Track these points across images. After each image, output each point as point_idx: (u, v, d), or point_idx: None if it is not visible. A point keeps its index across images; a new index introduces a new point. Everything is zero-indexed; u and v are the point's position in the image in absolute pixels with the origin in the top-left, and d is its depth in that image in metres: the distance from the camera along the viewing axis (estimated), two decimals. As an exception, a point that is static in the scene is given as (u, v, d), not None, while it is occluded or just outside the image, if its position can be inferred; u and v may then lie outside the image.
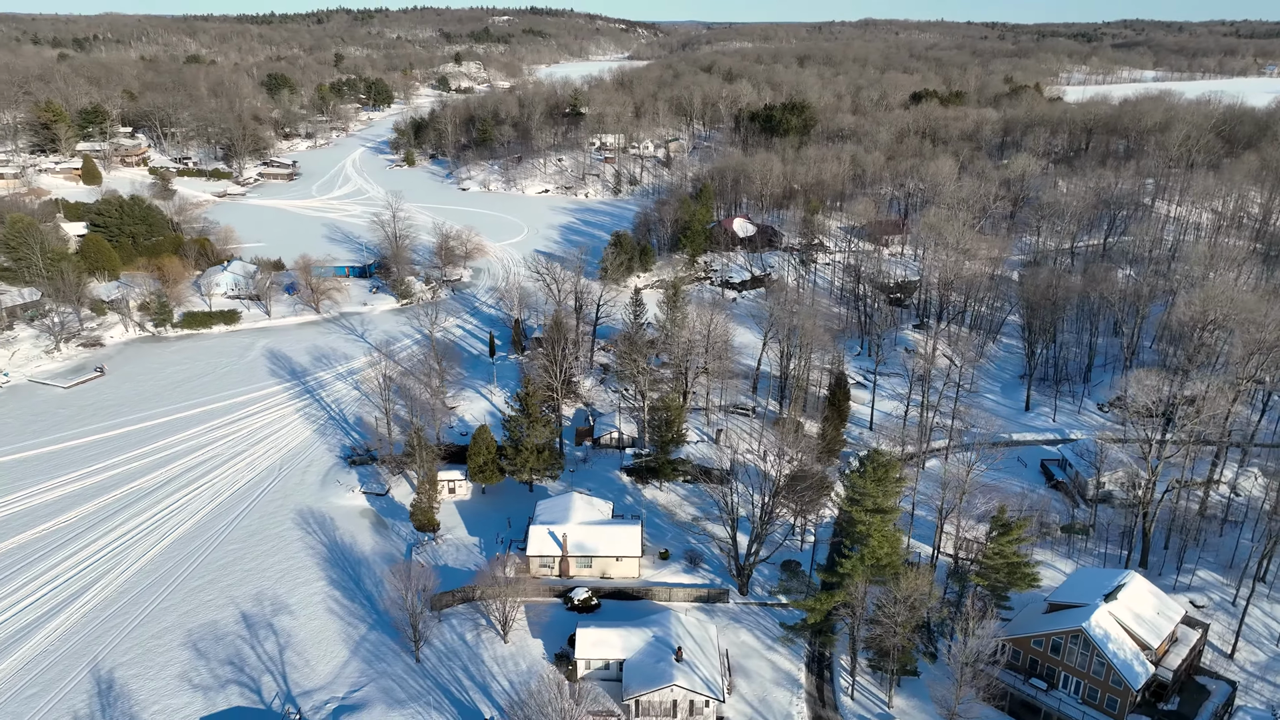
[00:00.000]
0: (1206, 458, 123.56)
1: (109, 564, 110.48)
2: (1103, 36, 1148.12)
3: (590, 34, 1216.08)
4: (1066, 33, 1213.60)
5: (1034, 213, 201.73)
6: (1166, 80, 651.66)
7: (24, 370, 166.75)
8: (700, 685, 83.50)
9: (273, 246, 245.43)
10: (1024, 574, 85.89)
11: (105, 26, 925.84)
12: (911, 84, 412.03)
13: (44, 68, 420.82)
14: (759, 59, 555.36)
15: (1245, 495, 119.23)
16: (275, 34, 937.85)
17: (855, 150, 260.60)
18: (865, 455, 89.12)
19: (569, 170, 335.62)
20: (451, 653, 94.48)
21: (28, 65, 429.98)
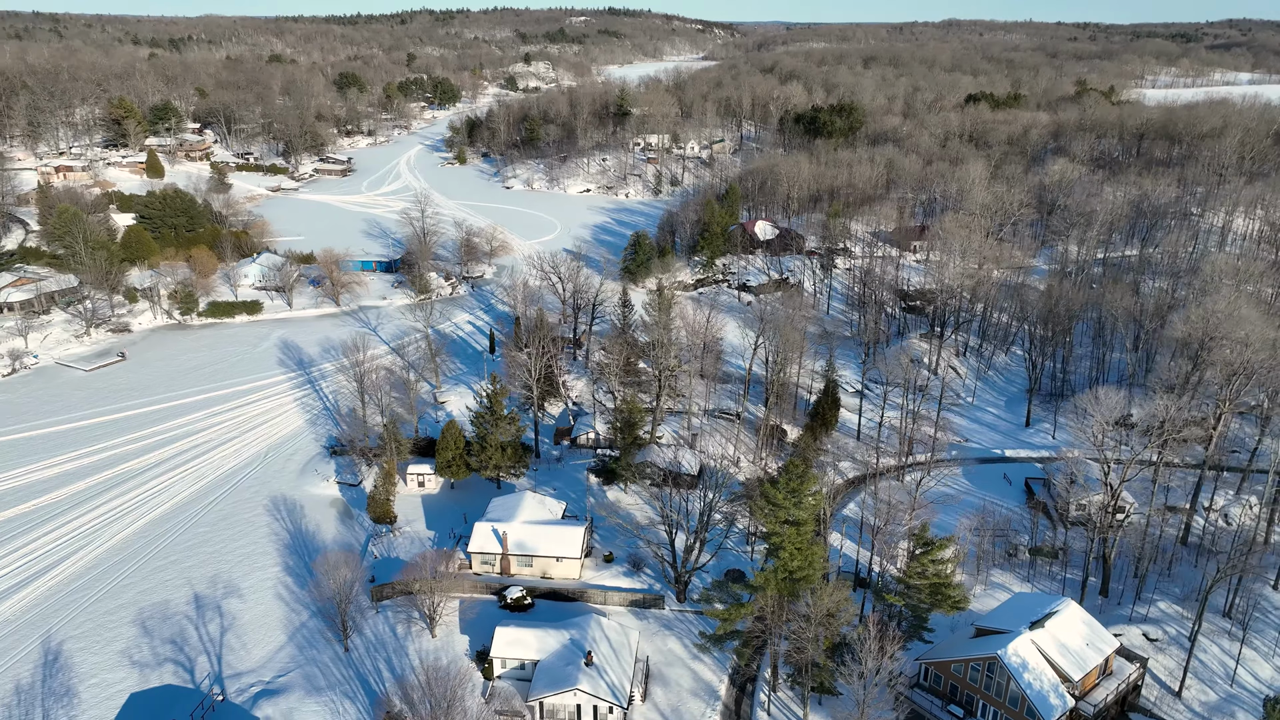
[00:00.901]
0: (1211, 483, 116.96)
1: (84, 540, 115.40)
2: (1202, 36, 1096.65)
3: (666, 34, 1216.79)
4: (1165, 33, 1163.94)
5: (1062, 220, 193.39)
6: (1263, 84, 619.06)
7: (53, 353, 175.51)
8: (605, 691, 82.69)
9: (311, 240, 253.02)
10: (946, 595, 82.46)
11: (201, 28, 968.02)
12: (974, 86, 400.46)
13: (126, 66, 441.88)
14: (823, 60, 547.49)
15: (1236, 524, 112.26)
16: (357, 34, 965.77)
17: (892, 153, 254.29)
18: (783, 465, 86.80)
19: (611, 170, 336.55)
20: (379, 644, 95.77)
21: (112, 64, 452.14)
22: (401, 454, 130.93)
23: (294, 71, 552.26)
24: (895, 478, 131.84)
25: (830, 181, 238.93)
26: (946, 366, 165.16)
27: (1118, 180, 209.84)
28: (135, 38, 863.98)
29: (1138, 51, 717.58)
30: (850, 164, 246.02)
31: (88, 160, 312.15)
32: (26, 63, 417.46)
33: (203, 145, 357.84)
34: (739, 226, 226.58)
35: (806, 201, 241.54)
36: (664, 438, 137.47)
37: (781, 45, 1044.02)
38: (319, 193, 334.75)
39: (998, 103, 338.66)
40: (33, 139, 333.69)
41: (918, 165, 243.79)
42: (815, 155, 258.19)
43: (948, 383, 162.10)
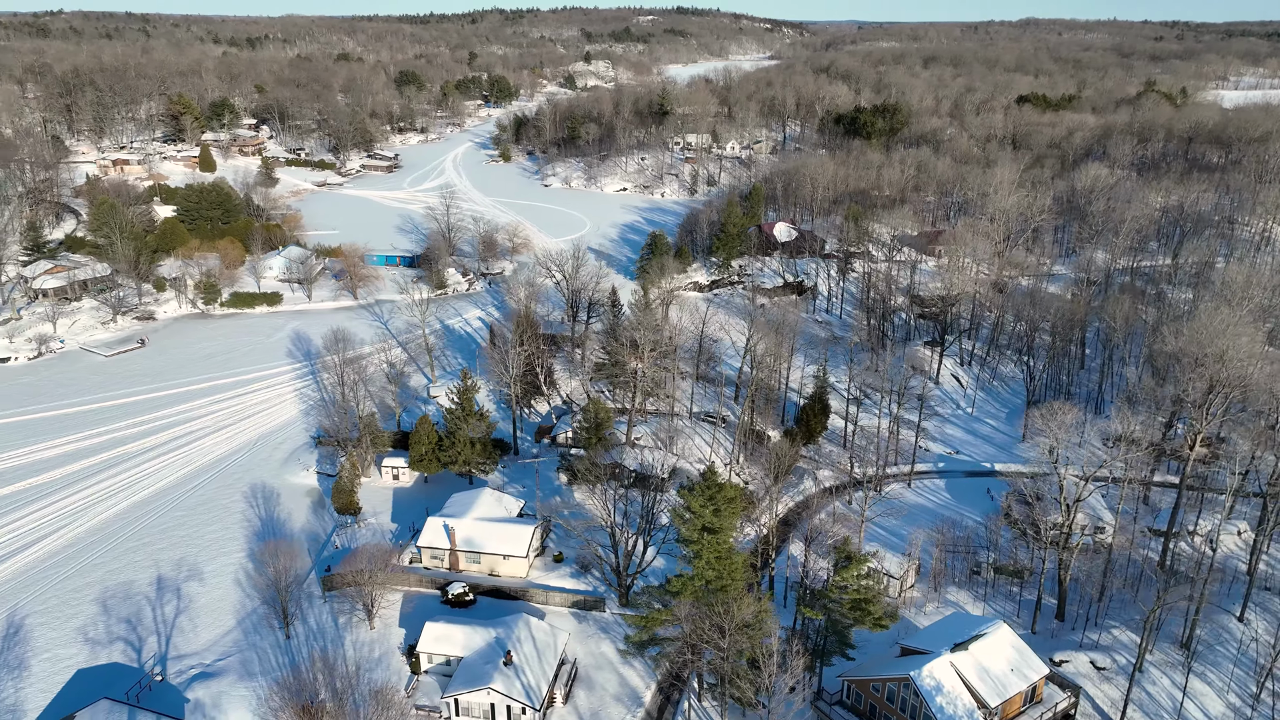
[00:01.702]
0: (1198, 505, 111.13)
1: (68, 519, 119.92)
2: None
3: (733, 34, 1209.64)
4: (1260, 31, 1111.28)
5: (1088, 227, 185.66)
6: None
7: (79, 338, 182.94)
8: (518, 692, 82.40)
9: (345, 234, 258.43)
10: (867, 612, 79.81)
11: (279, 28, 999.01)
12: (1033, 88, 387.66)
13: (192, 65, 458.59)
14: (881, 60, 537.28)
15: (1224, 551, 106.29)
16: (426, 33, 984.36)
17: (925, 155, 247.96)
18: (702, 471, 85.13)
19: (649, 169, 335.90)
20: (319, 633, 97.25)
21: (179, 62, 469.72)
22: (381, 446, 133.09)
23: (356, 69, 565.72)
24: (873, 488, 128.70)
25: (857, 183, 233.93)
26: (950, 375, 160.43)
27: (1153, 186, 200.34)
28: (216, 37, 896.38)
29: (1222, 51, 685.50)
30: (880, 166, 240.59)
31: (143, 154, 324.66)
32: (101, 61, 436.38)
33: (256, 141, 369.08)
34: (757, 228, 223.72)
35: (832, 203, 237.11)
36: (642, 438, 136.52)
37: (850, 44, 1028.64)
38: (363, 188, 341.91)
39: (1050, 104, 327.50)
40: (98, 133, 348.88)
41: (950, 168, 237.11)
42: (845, 156, 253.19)
43: (949, 392, 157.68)
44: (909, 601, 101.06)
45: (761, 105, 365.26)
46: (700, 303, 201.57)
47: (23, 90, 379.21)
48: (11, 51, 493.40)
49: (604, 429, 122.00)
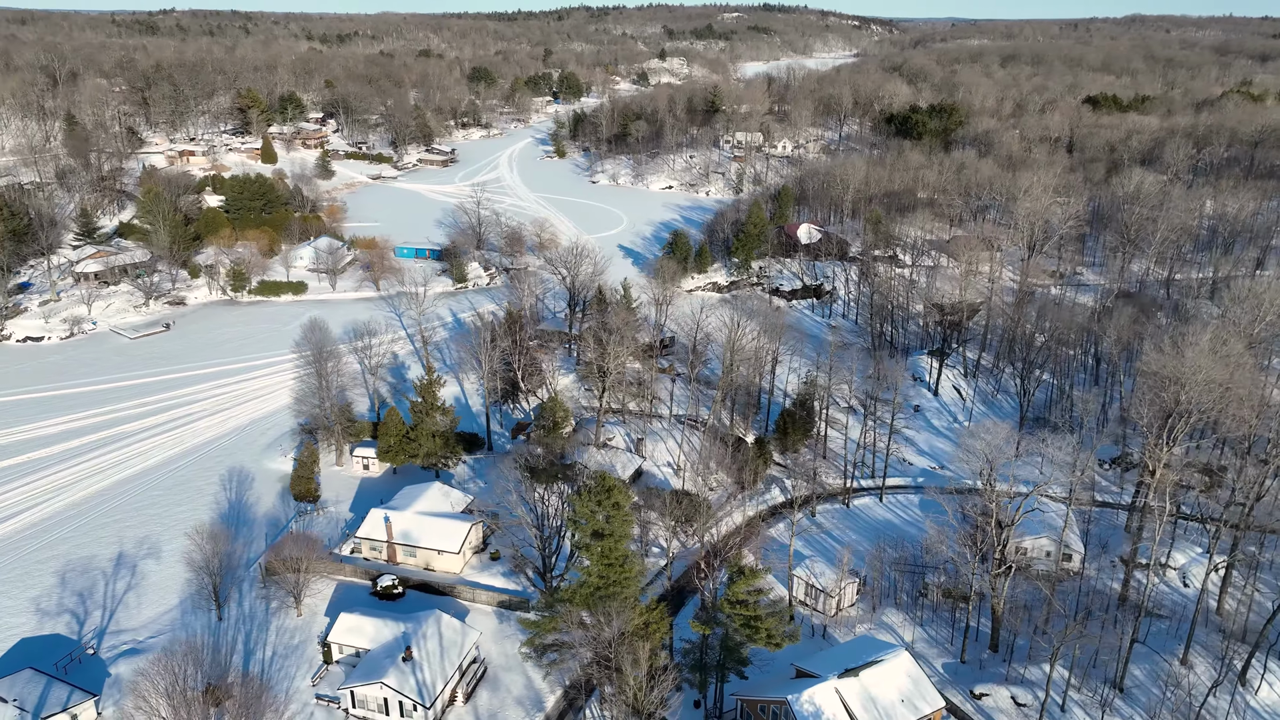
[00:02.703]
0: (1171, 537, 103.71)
1: (53, 493, 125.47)
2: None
3: (818, 31, 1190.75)
4: None
5: (1118, 235, 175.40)
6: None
7: (111, 320, 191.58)
8: (411, 688, 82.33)
9: (386, 226, 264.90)
10: (761, 629, 76.76)
11: (371, 24, 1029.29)
12: (1112, 88, 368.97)
13: (269, 60, 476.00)
14: (957, 59, 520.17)
15: (1195, 587, 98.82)
16: (510, 30, 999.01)
17: (968, 157, 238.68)
18: (593, 476, 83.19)
19: (696, 167, 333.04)
20: (249, 617, 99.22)
21: (256, 57, 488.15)
22: (354, 436, 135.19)
23: (430, 65, 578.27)
24: (842, 502, 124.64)
25: (888, 185, 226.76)
26: (951, 387, 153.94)
27: (1196, 194, 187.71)
28: (310, 33, 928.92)
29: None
30: (918, 167, 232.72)
31: (208, 146, 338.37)
32: (184, 56, 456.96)
33: (319, 134, 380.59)
34: (780, 229, 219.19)
35: (865, 205, 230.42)
36: (614, 439, 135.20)
37: (939, 42, 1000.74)
38: (415, 182, 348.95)
39: (1120, 105, 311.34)
40: (173, 126, 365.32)
41: (991, 170, 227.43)
42: (883, 157, 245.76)
43: (947, 404, 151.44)
44: (843, 620, 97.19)
45: (817, 104, 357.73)
46: (718, 303, 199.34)
47: (110, 84, 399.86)
48: (106, 48, 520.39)
49: (561, 428, 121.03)
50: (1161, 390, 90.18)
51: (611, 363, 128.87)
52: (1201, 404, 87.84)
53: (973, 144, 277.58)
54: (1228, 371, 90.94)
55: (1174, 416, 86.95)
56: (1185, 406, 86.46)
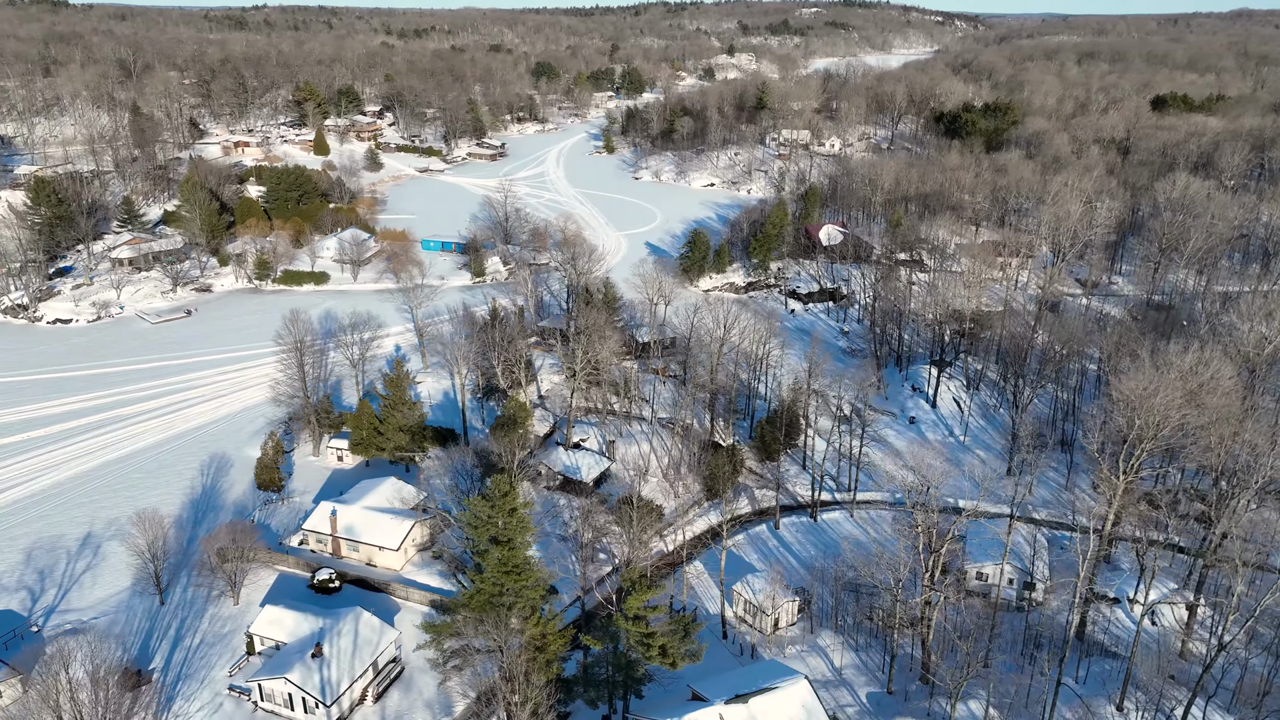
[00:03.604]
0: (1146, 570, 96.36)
1: (42, 471, 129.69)
2: None
3: (899, 27, 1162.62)
4: None
5: (1147, 243, 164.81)
6: None
7: (138, 305, 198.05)
8: (313, 685, 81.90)
9: (423, 219, 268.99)
10: (654, 646, 73.70)
11: (449, 20, 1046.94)
12: (1193, 87, 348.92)
13: (334, 54, 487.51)
14: (1030, 56, 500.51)
15: (1161, 627, 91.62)
16: (583, 25, 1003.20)
17: (1009, 159, 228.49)
18: (494, 479, 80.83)
19: (739, 165, 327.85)
20: (188, 603, 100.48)
21: (321, 51, 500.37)
22: (337, 427, 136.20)
23: (495, 60, 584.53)
24: (809, 515, 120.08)
25: (922, 186, 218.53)
26: (951, 399, 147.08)
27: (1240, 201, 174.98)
28: (389, 28, 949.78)
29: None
30: (954, 168, 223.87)
31: (263, 137, 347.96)
32: (255, 50, 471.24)
33: (373, 127, 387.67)
34: (803, 230, 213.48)
35: (896, 206, 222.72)
36: (588, 440, 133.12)
37: (1026, 38, 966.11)
38: (461, 175, 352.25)
39: (1190, 106, 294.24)
40: (234, 117, 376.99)
41: (1031, 172, 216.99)
42: (917, 157, 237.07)
43: (944, 416, 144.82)
44: (776, 640, 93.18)
45: (870, 102, 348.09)
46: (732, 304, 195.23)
47: (182, 77, 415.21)
48: (181, 42, 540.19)
49: (519, 426, 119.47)
50: (1115, 414, 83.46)
51: (580, 362, 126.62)
52: (1160, 431, 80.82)
53: (1024, 145, 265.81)
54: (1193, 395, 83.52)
55: (1129, 444, 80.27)
56: (1140, 433, 79.75)
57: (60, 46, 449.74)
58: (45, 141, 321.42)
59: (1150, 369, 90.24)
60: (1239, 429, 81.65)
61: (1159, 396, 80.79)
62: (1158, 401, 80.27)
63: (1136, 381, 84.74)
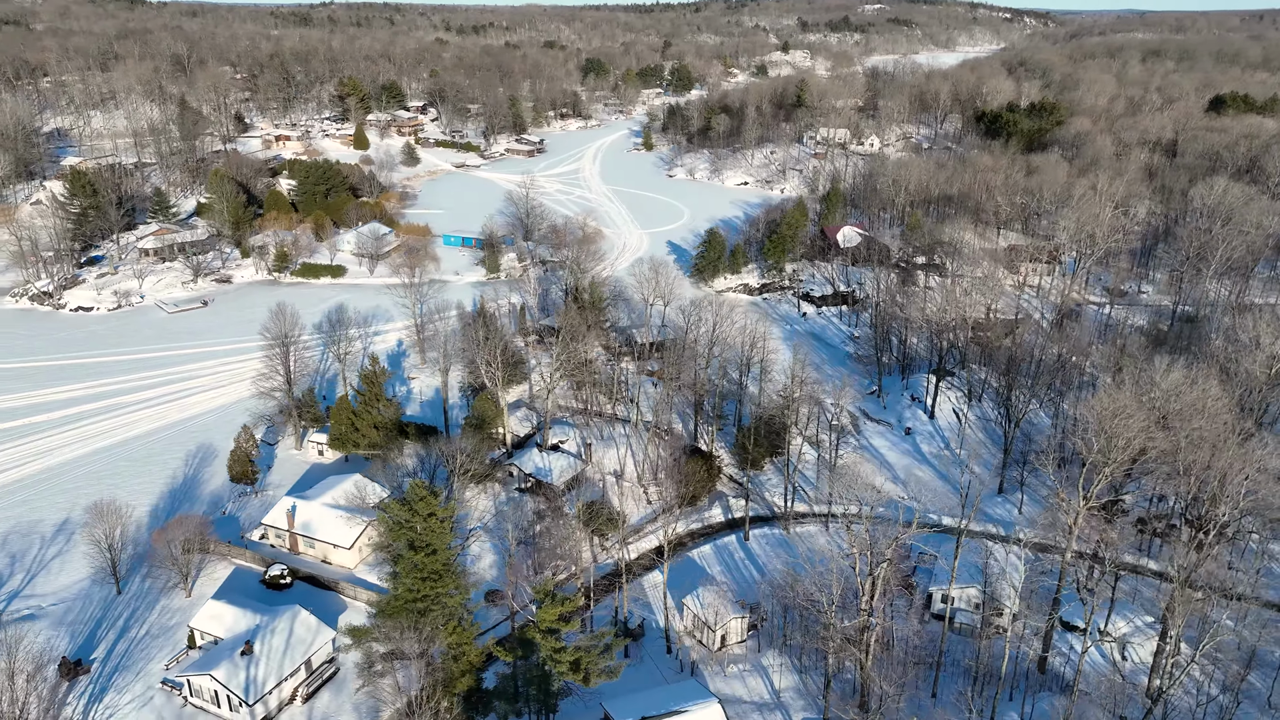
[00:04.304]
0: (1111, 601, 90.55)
1: (35, 456, 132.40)
2: None
3: (965, 24, 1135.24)
4: None
5: (1171, 252, 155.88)
6: None
7: (158, 295, 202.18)
8: (237, 683, 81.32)
9: (451, 214, 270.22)
10: (564, 660, 71.11)
11: (507, 16, 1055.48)
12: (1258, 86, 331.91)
13: (383, 50, 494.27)
14: (1091, 54, 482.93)
15: (1134, 662, 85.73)
16: (640, 21, 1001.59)
17: (1043, 160, 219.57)
18: (411, 483, 78.87)
19: (774, 164, 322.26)
20: (143, 594, 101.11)
21: (370, 46, 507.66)
22: (321, 422, 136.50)
23: (545, 56, 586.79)
24: (783, 527, 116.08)
25: (948, 188, 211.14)
26: (951, 410, 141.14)
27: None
28: (448, 24, 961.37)
29: None
30: (985, 170, 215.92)
31: (304, 131, 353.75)
32: (308, 46, 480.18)
33: (415, 122, 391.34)
34: (821, 230, 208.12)
35: (918, 207, 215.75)
36: (567, 441, 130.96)
37: (1098, 35, 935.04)
38: (496, 171, 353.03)
39: (1252, 106, 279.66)
40: (280, 112, 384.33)
41: (1066, 175, 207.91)
42: (951, 157, 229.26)
43: (941, 428, 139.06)
44: (720, 658, 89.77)
45: (913, 100, 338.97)
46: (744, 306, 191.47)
47: (233, 72, 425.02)
48: (235, 38, 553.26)
49: (488, 426, 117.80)
50: (1074, 435, 77.96)
51: (555, 363, 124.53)
52: (1123, 456, 75.07)
53: (1067, 147, 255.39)
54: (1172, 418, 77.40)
55: (1088, 468, 74.83)
56: (1100, 458, 74.16)
57: (122, 42, 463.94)
58: (99, 134, 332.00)
59: (1130, 387, 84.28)
60: (1214, 455, 75.51)
61: (1118, 419, 75.04)
62: (1119, 425, 74.56)
63: (1100, 402, 79.08)
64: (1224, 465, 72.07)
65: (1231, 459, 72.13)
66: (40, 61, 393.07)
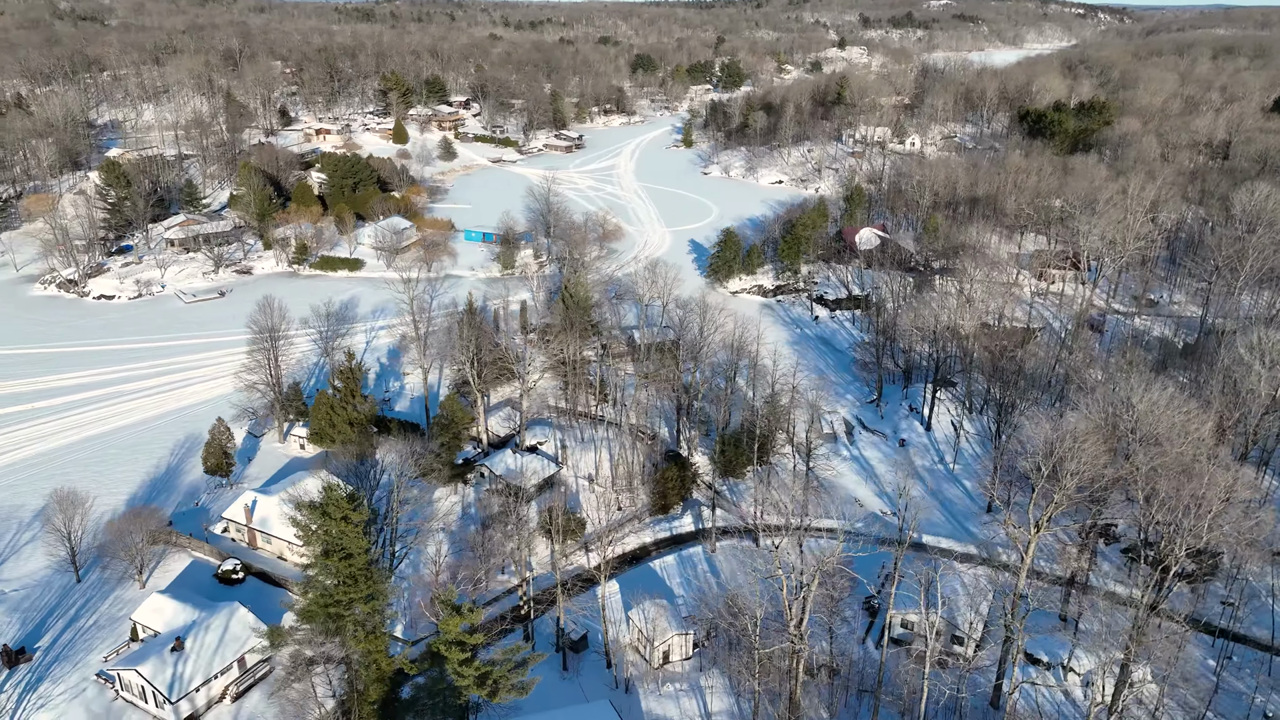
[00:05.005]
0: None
1: (31, 441, 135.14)
2: None
3: (1034, 20, 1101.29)
4: None
5: (1198, 260, 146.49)
6: None
7: (179, 285, 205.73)
8: (163, 680, 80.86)
9: (478, 209, 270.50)
10: (467, 675, 68.54)
11: (565, 13, 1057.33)
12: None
13: (430, 45, 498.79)
14: (1157, 51, 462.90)
15: (1099, 701, 79.81)
16: (697, 17, 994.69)
17: (1081, 162, 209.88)
18: (326, 486, 76.83)
19: (811, 162, 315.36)
20: (100, 584, 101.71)
21: (418, 41, 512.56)
22: (304, 416, 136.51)
23: (593, 52, 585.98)
24: (752, 539, 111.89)
25: (974, 189, 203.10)
26: (949, 423, 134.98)
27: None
28: (506, 20, 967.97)
29: None
30: (1019, 170, 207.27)
31: (344, 125, 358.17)
32: (358, 41, 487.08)
33: (455, 117, 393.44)
34: (838, 232, 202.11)
35: (943, 208, 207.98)
36: (546, 443, 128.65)
37: (1176, 31, 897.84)
38: (531, 166, 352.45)
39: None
40: (324, 106, 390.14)
41: (1104, 177, 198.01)
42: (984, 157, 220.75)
43: (937, 441, 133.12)
44: (660, 675, 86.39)
45: (958, 98, 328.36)
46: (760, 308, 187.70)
47: (283, 66, 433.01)
48: (286, 34, 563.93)
49: (456, 427, 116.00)
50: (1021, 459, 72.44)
51: (530, 363, 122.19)
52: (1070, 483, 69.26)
53: (1113, 148, 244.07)
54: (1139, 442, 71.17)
55: (1036, 494, 69.44)
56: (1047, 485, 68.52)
57: (179, 37, 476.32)
58: (148, 126, 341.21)
59: (1102, 406, 78.31)
60: (1181, 485, 69.29)
61: (1066, 444, 69.30)
62: (1067, 449, 68.86)
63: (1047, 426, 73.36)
64: (1187, 496, 66.04)
65: (1195, 490, 66.01)
66: (98, 56, 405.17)
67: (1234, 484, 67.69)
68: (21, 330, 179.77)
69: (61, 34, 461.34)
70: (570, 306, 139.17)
